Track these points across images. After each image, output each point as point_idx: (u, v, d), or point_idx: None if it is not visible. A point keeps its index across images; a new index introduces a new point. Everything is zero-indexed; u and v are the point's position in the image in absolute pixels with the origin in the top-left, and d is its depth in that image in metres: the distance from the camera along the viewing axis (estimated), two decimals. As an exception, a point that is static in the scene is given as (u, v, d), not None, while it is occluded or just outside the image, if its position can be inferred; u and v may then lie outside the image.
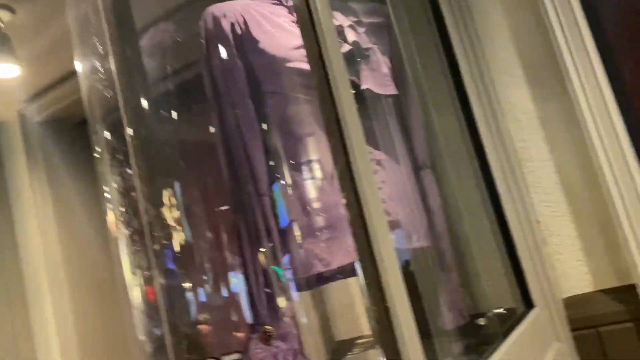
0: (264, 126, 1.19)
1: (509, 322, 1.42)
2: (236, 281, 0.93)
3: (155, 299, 0.75)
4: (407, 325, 0.79)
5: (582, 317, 1.60)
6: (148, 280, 0.75)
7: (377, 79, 1.23)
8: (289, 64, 1.18)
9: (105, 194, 0.81)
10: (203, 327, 0.88)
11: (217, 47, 1.21)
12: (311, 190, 1.17)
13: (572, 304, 1.63)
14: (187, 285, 0.83)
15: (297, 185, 1.16)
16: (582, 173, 1.64)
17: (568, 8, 1.60)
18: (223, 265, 1.01)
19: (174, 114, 1.27)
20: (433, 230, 1.33)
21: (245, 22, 1.20)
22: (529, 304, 1.53)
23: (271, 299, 1.13)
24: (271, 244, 1.13)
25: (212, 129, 1.17)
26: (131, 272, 0.75)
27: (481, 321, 1.33)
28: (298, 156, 1.18)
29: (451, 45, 1.64)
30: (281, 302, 1.16)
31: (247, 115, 1.16)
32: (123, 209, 0.79)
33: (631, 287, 1.51)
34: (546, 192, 1.69)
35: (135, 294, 0.75)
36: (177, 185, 0.91)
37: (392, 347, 0.77)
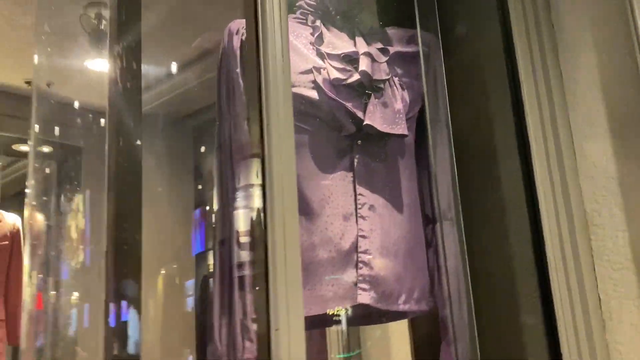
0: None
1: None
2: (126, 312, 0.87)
3: (44, 309, 0.72)
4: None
5: None
6: (40, 286, 0.72)
7: (387, 115, 1.10)
8: (293, 89, 1.10)
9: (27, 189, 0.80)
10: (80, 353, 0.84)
11: (228, 62, 1.17)
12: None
13: (625, 407, 1.35)
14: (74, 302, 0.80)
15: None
16: (661, 253, 1.35)
17: (669, 53, 1.32)
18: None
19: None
20: (442, 293, 1.16)
21: (258, 41, 1.15)
22: (561, 398, 1.29)
23: (233, 333, 1.07)
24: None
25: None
26: (29, 274, 0.74)
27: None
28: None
29: (519, 79, 1.43)
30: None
31: (238, 139, 1.10)
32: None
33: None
34: (614, 267, 1.42)
35: (28, 298, 0.74)
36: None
37: None
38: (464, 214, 1.28)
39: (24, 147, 3.30)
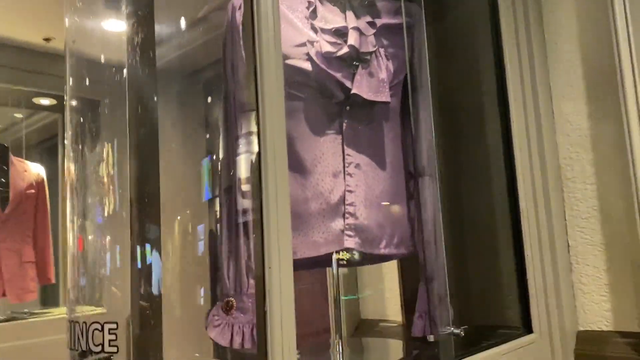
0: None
1: (498, 339, 1.40)
2: (150, 254, 1.03)
3: (83, 251, 0.88)
4: (286, 333, 0.86)
5: (591, 354, 1.50)
6: (81, 229, 0.88)
7: (372, 84, 1.23)
8: (288, 61, 1.24)
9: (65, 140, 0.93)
10: (115, 291, 1.02)
11: (231, 35, 1.29)
12: (291, 183, 1.23)
13: (585, 339, 1.53)
14: (109, 245, 0.96)
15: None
16: (624, 205, 1.49)
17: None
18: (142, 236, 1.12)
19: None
20: (420, 239, 1.33)
21: (257, 14, 1.27)
22: (528, 329, 1.47)
23: (239, 273, 1.24)
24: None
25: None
26: (70, 219, 0.88)
27: (462, 332, 1.32)
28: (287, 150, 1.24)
29: (500, 37, 1.54)
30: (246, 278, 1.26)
31: (241, 107, 1.24)
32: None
33: (649, 337, 1.39)
34: (582, 216, 1.57)
35: (70, 241, 0.89)
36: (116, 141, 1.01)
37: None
38: (446, 169, 1.42)
39: (43, 101, 3.46)
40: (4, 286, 2.86)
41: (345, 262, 1.31)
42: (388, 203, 1.26)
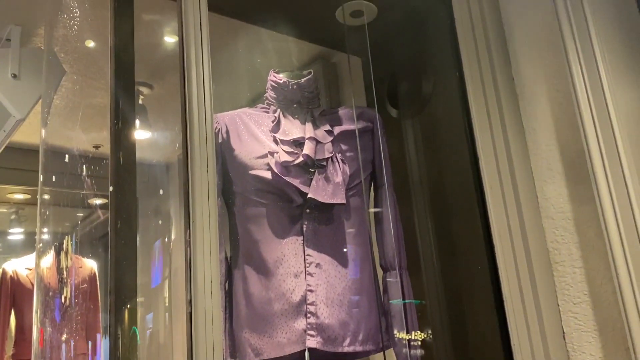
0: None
1: None
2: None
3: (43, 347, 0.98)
4: None
5: None
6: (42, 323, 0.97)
7: (328, 188, 1.32)
8: (252, 172, 1.36)
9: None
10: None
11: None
12: (256, 284, 1.32)
13: None
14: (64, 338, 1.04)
15: (245, 279, 1.33)
16: (612, 287, 1.45)
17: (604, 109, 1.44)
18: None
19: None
20: (392, 334, 1.36)
21: (227, 132, 1.41)
22: None
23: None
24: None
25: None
26: (35, 311, 0.97)
27: None
28: (251, 252, 1.34)
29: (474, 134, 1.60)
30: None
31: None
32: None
33: None
34: (574, 301, 1.54)
35: (34, 336, 0.97)
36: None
37: None
38: (439, 257, 1.46)
39: (97, 201, 3.79)
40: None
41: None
42: (352, 300, 1.31)
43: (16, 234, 4.71)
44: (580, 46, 1.47)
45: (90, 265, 3.40)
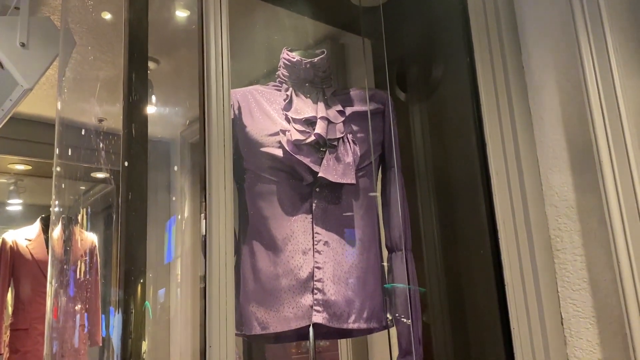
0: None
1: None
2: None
3: (57, 318, 1.00)
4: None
5: None
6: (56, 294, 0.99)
7: (339, 167, 1.34)
8: (263, 149, 1.37)
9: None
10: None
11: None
12: (264, 260, 1.34)
13: (581, 415, 1.49)
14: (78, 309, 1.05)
15: (253, 254, 1.35)
16: (611, 276, 1.48)
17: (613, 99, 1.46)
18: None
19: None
20: (394, 313, 1.39)
21: (239, 108, 1.42)
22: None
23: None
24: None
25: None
26: (50, 282, 0.99)
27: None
28: (260, 229, 1.36)
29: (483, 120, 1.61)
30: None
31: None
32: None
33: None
34: (573, 288, 1.57)
35: (48, 307, 0.99)
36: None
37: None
38: (441, 241, 1.48)
39: (99, 174, 3.80)
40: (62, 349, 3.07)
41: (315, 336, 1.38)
42: (358, 278, 1.33)
43: (14, 204, 4.71)
44: (593, 37, 1.48)
45: (92, 238, 3.41)
